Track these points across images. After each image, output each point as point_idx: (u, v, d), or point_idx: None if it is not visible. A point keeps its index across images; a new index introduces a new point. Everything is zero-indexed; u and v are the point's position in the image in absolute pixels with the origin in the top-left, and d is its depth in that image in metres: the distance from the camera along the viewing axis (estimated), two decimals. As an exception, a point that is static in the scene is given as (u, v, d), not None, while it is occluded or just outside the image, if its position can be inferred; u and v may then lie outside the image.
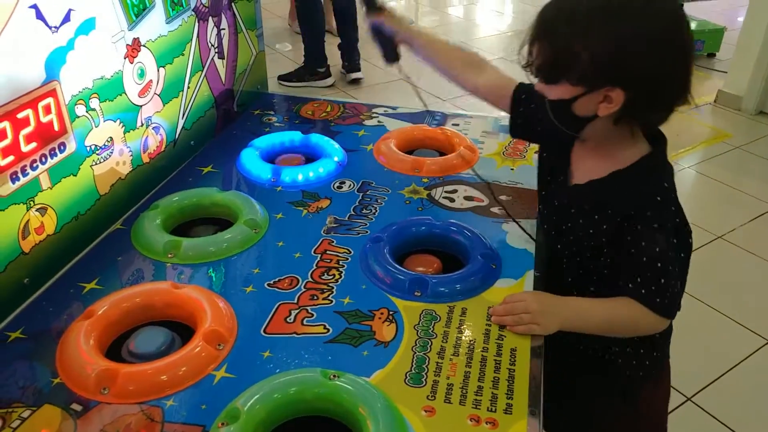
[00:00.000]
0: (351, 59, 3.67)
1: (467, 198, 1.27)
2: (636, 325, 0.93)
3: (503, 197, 1.27)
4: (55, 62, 0.99)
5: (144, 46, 1.20)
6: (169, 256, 1.08)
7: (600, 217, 0.94)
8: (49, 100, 0.98)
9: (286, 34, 4.51)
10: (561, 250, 1.02)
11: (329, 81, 3.64)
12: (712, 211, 2.61)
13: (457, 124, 1.57)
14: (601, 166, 0.95)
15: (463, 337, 0.93)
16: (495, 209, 1.23)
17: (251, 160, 1.35)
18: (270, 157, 1.41)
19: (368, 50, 3.89)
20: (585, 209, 0.96)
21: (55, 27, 0.98)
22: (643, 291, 0.89)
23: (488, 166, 1.38)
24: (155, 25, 1.23)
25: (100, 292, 1.00)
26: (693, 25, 4.34)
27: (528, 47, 0.89)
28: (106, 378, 0.83)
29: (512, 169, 1.38)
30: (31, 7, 0.93)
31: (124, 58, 1.15)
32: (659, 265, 0.89)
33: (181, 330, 0.94)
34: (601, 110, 0.87)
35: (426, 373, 0.87)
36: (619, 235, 0.91)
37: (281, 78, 3.59)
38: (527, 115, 1.07)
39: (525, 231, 1.14)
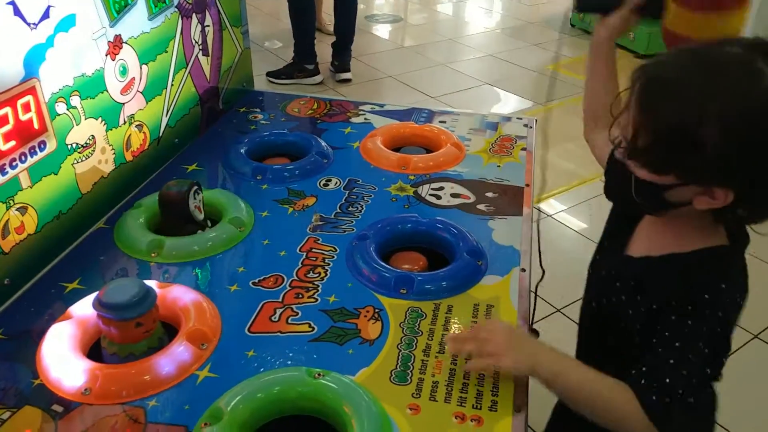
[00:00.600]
0: (342, 59, 3.66)
1: (454, 195, 1.27)
2: (619, 419, 0.75)
3: (489, 194, 1.27)
4: (34, 59, 0.97)
5: (126, 43, 1.19)
6: (153, 255, 1.07)
7: (641, 299, 0.81)
8: (29, 97, 0.97)
9: (274, 31, 4.49)
10: (603, 325, 0.90)
11: (318, 78, 3.62)
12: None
13: (444, 122, 1.57)
14: (662, 244, 0.83)
15: (449, 335, 0.93)
16: (481, 206, 1.23)
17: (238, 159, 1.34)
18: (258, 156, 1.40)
19: (358, 49, 3.88)
20: (630, 285, 0.84)
21: (34, 24, 0.96)
22: (642, 381, 0.75)
23: (475, 164, 1.38)
24: (137, 22, 1.22)
25: (83, 292, 0.99)
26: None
27: (626, 118, 0.75)
28: (87, 379, 0.82)
29: (498, 166, 1.37)
30: (9, 3, 0.91)
31: (106, 56, 1.14)
32: (672, 362, 0.74)
33: (165, 330, 0.93)
34: (698, 203, 0.74)
35: (411, 371, 0.86)
36: (652, 323, 0.79)
37: (270, 75, 3.57)
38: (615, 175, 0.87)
39: None
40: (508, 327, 0.88)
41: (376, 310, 0.97)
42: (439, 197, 1.26)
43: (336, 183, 1.31)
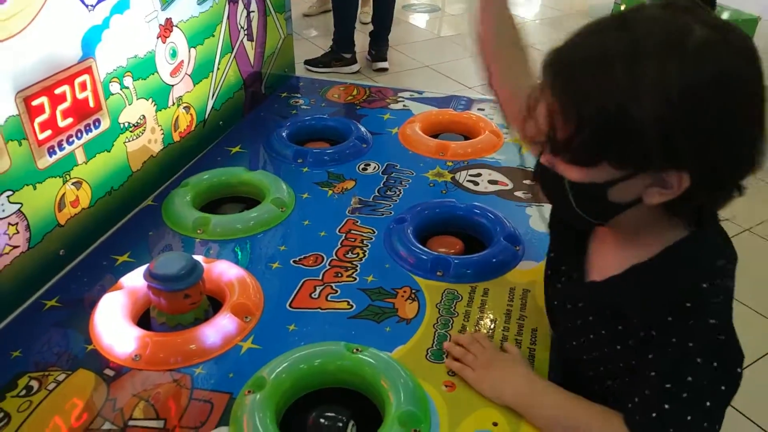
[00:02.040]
0: (379, 48, 3.68)
1: (491, 182, 1.28)
2: None
3: (527, 181, 1.27)
4: (91, 40, 1.01)
5: (176, 26, 1.22)
6: (199, 231, 1.11)
7: (623, 328, 0.71)
8: (85, 77, 1.01)
9: (312, 19, 4.53)
10: (584, 363, 0.81)
11: (355, 67, 3.64)
12: (739, 202, 2.57)
13: (483, 109, 1.57)
14: (621, 257, 0.72)
15: (485, 317, 0.94)
16: (519, 193, 1.24)
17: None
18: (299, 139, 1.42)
19: (395, 38, 3.89)
20: (606, 316, 0.73)
21: (92, 6, 1.00)
22: (637, 417, 0.67)
23: (513, 152, 1.39)
24: (187, 6, 1.25)
25: (132, 264, 1.03)
26: (725, 15, 4.26)
27: (542, 111, 0.64)
28: (137, 346, 0.86)
29: (537, 154, 1.37)
30: (69, -15, 0.95)
31: (157, 38, 1.18)
32: (668, 386, 0.64)
33: (211, 304, 0.96)
34: (649, 196, 0.63)
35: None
36: (642, 350, 0.69)
37: (308, 63, 3.60)
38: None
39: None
40: (495, 351, 0.85)
41: (413, 291, 0.99)
42: (476, 183, 1.27)
43: (374, 167, 1.33)
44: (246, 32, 1.48)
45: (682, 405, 0.64)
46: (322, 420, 0.78)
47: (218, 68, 1.39)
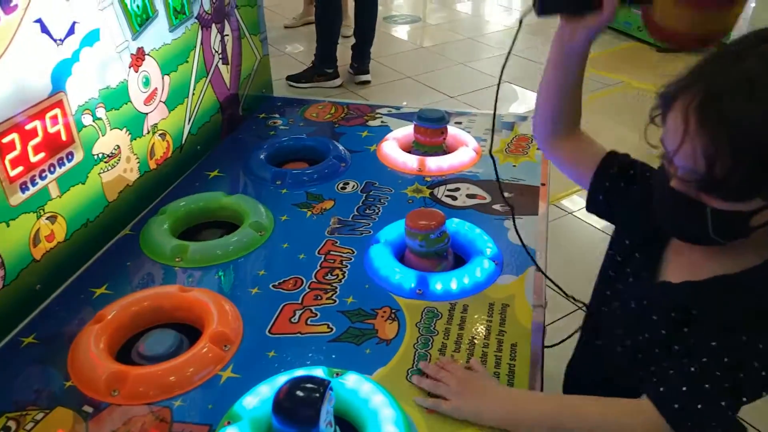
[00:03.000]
0: (361, 61, 3.69)
1: (470, 196, 1.29)
2: None
3: (505, 194, 1.28)
4: (61, 74, 1.01)
5: (148, 54, 1.23)
6: (177, 260, 1.11)
7: (689, 331, 0.74)
8: (56, 110, 1.01)
9: (294, 33, 4.54)
10: (622, 353, 0.83)
11: (337, 82, 3.65)
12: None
13: (460, 122, 1.58)
14: (705, 266, 0.74)
15: (465, 334, 0.94)
16: (497, 206, 1.24)
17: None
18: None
19: (377, 50, 3.91)
20: (670, 316, 0.76)
21: (60, 39, 1.01)
22: (663, 391, 0.71)
23: (491, 164, 1.39)
24: (159, 34, 1.25)
25: (110, 296, 1.03)
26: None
27: (685, 148, 0.64)
28: (116, 380, 0.85)
29: (514, 166, 1.38)
30: (36, 21, 0.95)
31: (129, 68, 1.18)
32: (707, 386, 0.69)
33: (189, 332, 0.96)
34: (759, 220, 0.65)
35: (427, 370, 0.88)
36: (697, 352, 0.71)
37: (290, 78, 3.61)
38: (613, 193, 0.87)
39: (518, 235, 1.04)
40: (464, 373, 0.85)
41: (393, 311, 0.99)
42: (455, 198, 1.28)
43: (353, 186, 1.33)
44: (221, 56, 1.49)
45: (709, 403, 0.68)
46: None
47: (194, 93, 1.39)
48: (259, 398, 0.82)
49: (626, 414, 0.74)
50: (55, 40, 1.00)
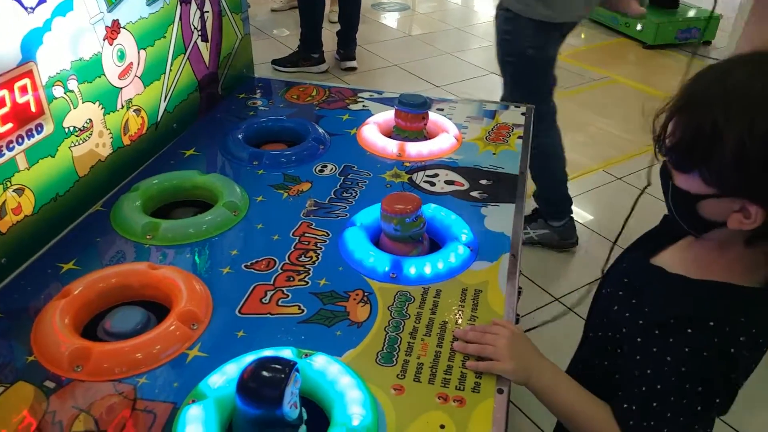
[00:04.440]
0: (347, 47, 3.67)
1: (448, 182, 1.28)
2: None
3: (483, 181, 1.28)
4: (31, 43, 0.99)
5: (124, 27, 1.20)
6: (148, 237, 1.09)
7: (635, 303, 0.81)
8: (26, 80, 0.98)
9: (281, 16, 4.49)
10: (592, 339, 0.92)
11: (323, 67, 3.63)
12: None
13: (442, 109, 1.57)
14: (684, 261, 0.80)
15: (436, 318, 0.94)
16: (475, 193, 1.24)
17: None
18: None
19: (364, 37, 3.88)
20: (632, 291, 0.83)
21: (31, 8, 0.98)
22: (625, 405, 0.77)
23: (470, 151, 1.39)
24: (135, 8, 1.23)
25: (78, 272, 1.01)
26: (691, 13, 4.32)
27: (665, 118, 0.73)
28: (79, 356, 0.84)
29: (494, 154, 1.38)
30: (5, -13, 0.93)
31: (103, 40, 1.15)
32: (643, 389, 0.75)
33: (158, 310, 0.94)
34: (732, 221, 0.70)
35: (397, 353, 0.88)
36: (643, 340, 0.78)
37: (275, 63, 3.58)
38: None
39: None
40: (511, 333, 0.87)
41: (366, 294, 0.98)
42: (433, 184, 1.27)
43: (331, 169, 1.32)
44: (200, 33, 1.46)
45: (666, 411, 0.73)
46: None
47: (171, 70, 1.37)
48: (225, 377, 0.81)
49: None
50: (25, 8, 0.97)
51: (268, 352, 0.85)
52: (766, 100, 0.65)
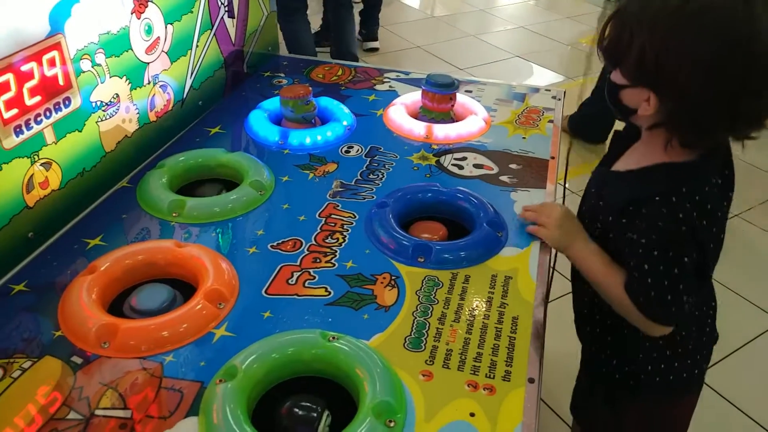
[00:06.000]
0: (370, 28, 3.62)
1: (476, 166, 1.25)
2: (625, 312, 0.91)
3: (513, 166, 1.25)
4: (59, 15, 0.97)
5: (151, 1, 1.18)
6: (174, 215, 1.08)
7: (602, 206, 0.95)
8: (54, 53, 0.97)
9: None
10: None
11: (345, 47, 3.59)
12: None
13: (471, 91, 1.54)
14: (630, 161, 0.94)
15: (465, 304, 0.92)
16: (504, 178, 1.21)
17: (259, 122, 1.34)
18: (278, 119, 1.39)
19: (387, 17, 3.83)
20: (597, 197, 0.96)
21: (60, -22, 0.96)
22: (626, 277, 0.90)
23: (499, 135, 1.36)
24: (164, -19, 1.21)
25: (104, 248, 1.00)
26: None
27: (602, 25, 0.89)
28: (106, 332, 0.83)
29: (524, 138, 1.35)
30: (34, -43, 0.91)
31: (131, 14, 1.13)
32: (640, 260, 0.87)
33: (183, 288, 0.94)
34: (641, 108, 0.86)
35: (425, 338, 0.86)
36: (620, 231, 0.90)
37: (297, 42, 3.54)
38: None
39: None
40: (563, 210, 1.02)
41: (393, 277, 0.96)
42: (461, 167, 1.25)
43: (358, 150, 1.30)
44: (227, 9, 1.44)
45: (656, 281, 0.86)
46: (296, 410, 0.76)
47: (197, 46, 1.35)
48: (253, 357, 0.80)
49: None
50: (54, -21, 0.95)
51: (294, 334, 0.84)
52: (670, 17, 0.79)
